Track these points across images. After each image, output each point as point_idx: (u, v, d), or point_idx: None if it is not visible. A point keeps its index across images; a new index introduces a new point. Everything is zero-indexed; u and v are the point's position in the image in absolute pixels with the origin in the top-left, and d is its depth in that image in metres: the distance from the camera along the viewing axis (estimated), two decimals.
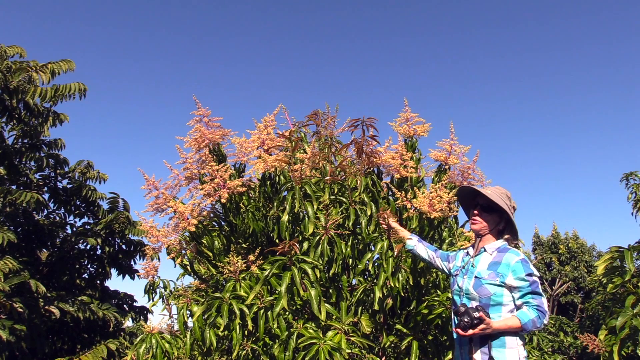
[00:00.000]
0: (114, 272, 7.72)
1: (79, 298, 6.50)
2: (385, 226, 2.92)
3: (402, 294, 3.19)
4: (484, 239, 2.40)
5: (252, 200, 3.53)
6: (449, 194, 3.10)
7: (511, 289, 2.22)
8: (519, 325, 2.15)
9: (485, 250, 2.36)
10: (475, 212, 2.40)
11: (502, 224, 2.39)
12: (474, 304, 2.25)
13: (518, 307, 2.22)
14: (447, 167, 3.63)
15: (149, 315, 7.69)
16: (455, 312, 2.24)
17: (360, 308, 3.24)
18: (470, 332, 2.15)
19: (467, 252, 2.50)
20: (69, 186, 7.23)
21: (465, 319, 2.16)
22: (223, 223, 3.66)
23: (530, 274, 2.20)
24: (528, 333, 2.29)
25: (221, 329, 2.95)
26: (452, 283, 2.50)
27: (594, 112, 44.40)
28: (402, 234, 2.82)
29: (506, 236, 2.38)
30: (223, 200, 3.32)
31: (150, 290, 3.83)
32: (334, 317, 3.10)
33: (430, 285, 3.42)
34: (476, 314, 2.15)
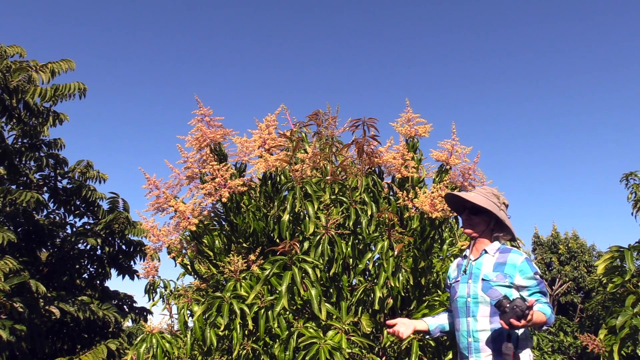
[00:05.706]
0: (114, 272, 7.73)
1: (79, 298, 6.51)
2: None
3: (403, 294, 3.19)
4: (480, 242, 2.35)
5: (253, 200, 3.53)
6: None
7: (519, 288, 2.20)
8: (544, 319, 2.09)
9: (486, 252, 2.32)
10: (465, 216, 2.38)
11: (492, 223, 2.33)
12: (483, 307, 2.20)
13: None
14: (448, 167, 3.63)
15: (149, 316, 7.70)
16: (498, 305, 2.00)
17: (360, 308, 3.24)
18: (523, 322, 1.93)
19: (465, 255, 2.44)
20: (69, 186, 7.23)
21: (519, 305, 1.88)
22: (224, 222, 3.66)
23: (536, 273, 2.20)
24: (539, 330, 2.22)
25: (221, 328, 2.94)
26: (452, 293, 2.39)
27: (593, 112, 44.48)
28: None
29: (496, 234, 2.32)
30: (224, 200, 3.32)
31: (150, 290, 3.82)
32: (334, 316, 3.10)
33: (431, 285, 3.42)
34: (525, 302, 1.92)
